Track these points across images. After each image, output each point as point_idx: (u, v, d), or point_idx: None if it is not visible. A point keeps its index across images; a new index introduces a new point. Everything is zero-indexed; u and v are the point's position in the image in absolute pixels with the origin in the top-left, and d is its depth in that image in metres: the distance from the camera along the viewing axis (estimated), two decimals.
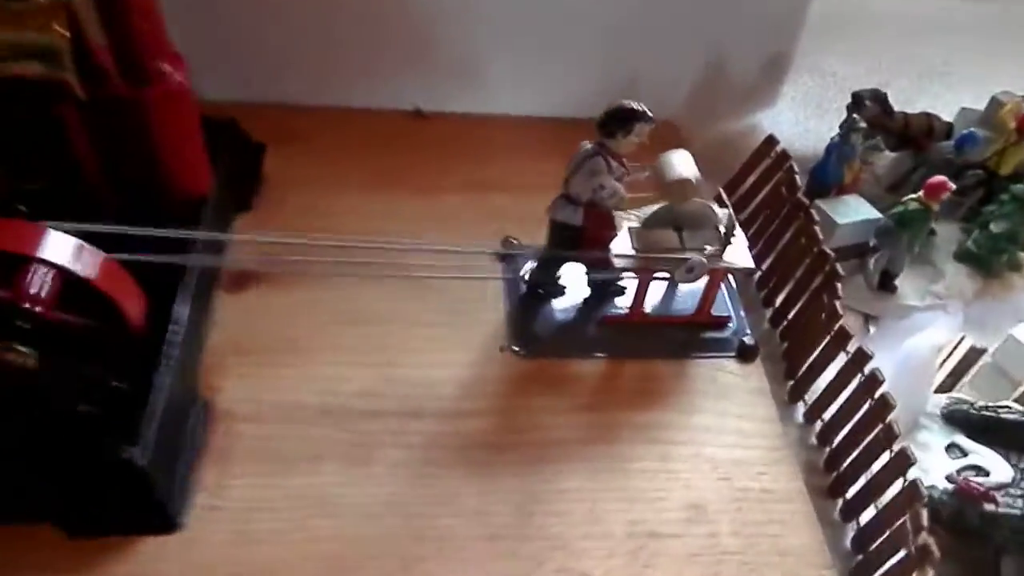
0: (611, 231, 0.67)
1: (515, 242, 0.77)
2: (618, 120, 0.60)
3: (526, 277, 0.74)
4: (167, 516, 0.57)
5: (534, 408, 0.67)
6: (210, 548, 0.55)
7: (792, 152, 0.87)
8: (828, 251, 0.71)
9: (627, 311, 0.72)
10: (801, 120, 1.00)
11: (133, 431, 0.54)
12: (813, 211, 0.75)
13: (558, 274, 0.73)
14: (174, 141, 0.67)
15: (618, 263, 0.67)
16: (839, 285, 0.69)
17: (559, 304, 0.74)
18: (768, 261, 0.80)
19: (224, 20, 0.85)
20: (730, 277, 0.78)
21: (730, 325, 0.74)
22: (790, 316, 0.76)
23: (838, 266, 0.70)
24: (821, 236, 0.73)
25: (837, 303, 0.68)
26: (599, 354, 0.71)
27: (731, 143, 0.98)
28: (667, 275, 0.67)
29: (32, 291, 0.53)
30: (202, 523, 0.57)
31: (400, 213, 0.81)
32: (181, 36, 0.84)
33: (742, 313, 0.76)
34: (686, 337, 0.73)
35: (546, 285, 0.73)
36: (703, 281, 0.70)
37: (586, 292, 0.74)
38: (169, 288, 0.64)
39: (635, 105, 0.60)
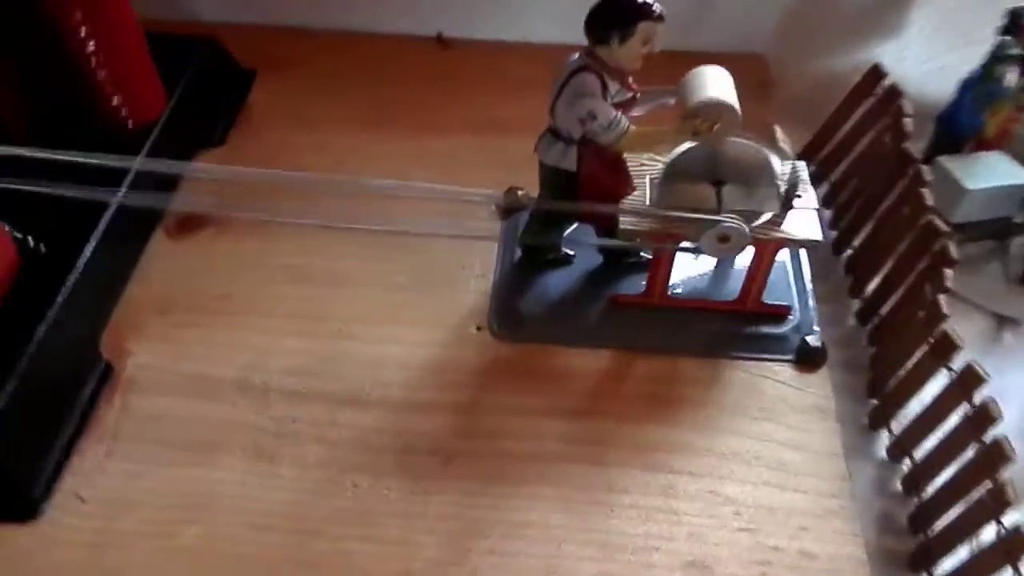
0: (620, 181, 0.50)
1: (522, 194, 0.61)
2: (610, 17, 0.42)
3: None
4: (23, 501, 0.46)
5: (505, 408, 0.51)
6: (60, 548, 0.45)
7: (921, 97, 0.65)
8: (940, 224, 0.50)
9: (645, 289, 0.54)
10: (936, 55, 0.76)
11: None
12: (927, 169, 0.53)
13: (559, 236, 0.56)
14: (99, 49, 0.56)
15: (624, 224, 0.49)
16: (949, 272, 0.48)
17: (561, 276, 0.57)
18: (862, 236, 0.60)
19: None
20: (802, 254, 0.59)
21: (791, 318, 0.55)
22: (883, 312, 0.56)
23: (953, 247, 0.49)
24: (931, 203, 0.51)
25: (942, 298, 0.47)
26: (603, 343, 0.54)
27: (838, 85, 0.76)
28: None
29: None
30: (63, 514, 0.46)
31: (393, 154, 0.67)
32: None
33: (812, 304, 0.56)
34: (726, 330, 0.54)
35: (544, 250, 0.57)
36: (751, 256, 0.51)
37: (598, 262, 0.57)
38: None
39: None
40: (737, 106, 0.45)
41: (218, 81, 0.70)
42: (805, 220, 0.50)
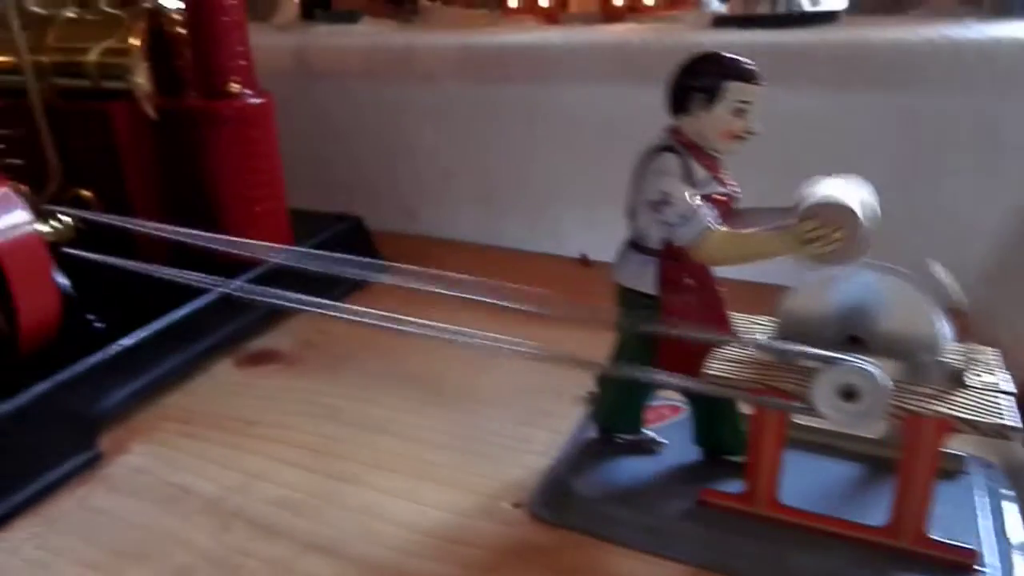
0: (712, 315, 0.38)
1: None
2: (694, 76, 0.35)
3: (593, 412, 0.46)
4: None
5: None
6: None
7: None
8: None
9: (744, 488, 0.39)
10: None
11: None
12: None
13: (639, 407, 0.43)
14: (235, 168, 0.59)
15: (711, 368, 0.37)
16: None
17: (640, 464, 0.43)
18: None
19: (397, 163, 0.83)
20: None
21: (980, 572, 0.35)
22: None
23: None
24: None
25: None
26: (672, 552, 0.38)
27: None
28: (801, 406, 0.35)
29: None
30: None
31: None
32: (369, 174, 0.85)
33: None
34: (860, 570, 0.36)
35: (622, 430, 0.44)
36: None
37: (692, 456, 0.43)
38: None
39: (730, 55, 0.35)
40: (866, 220, 0.34)
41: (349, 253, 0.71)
42: (991, 405, 0.34)
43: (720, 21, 0.73)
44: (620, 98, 0.73)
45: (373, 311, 0.44)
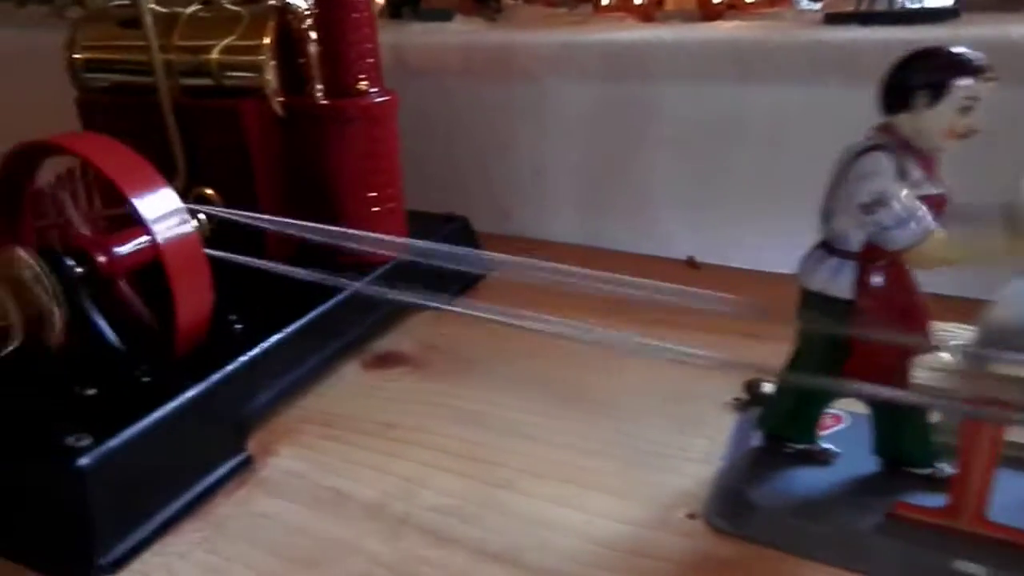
0: (912, 323, 0.37)
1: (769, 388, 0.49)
2: (917, 71, 0.34)
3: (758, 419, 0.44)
4: (84, 566, 0.38)
5: None
6: None
7: None
8: None
9: (948, 501, 0.37)
10: None
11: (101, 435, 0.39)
12: None
13: (815, 416, 0.42)
14: (359, 167, 0.58)
15: (919, 378, 0.35)
16: None
17: (813, 474, 0.42)
18: None
19: (491, 162, 0.82)
20: None
21: None
22: None
23: None
24: None
25: None
26: (870, 568, 0.36)
27: None
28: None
29: (117, 249, 0.45)
30: None
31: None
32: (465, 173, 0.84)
33: None
34: None
35: (793, 438, 0.43)
36: None
37: (869, 467, 0.42)
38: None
39: (956, 49, 0.34)
40: None
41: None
42: None
43: (833, 18, 0.72)
44: (728, 97, 0.71)
45: (533, 315, 0.42)
